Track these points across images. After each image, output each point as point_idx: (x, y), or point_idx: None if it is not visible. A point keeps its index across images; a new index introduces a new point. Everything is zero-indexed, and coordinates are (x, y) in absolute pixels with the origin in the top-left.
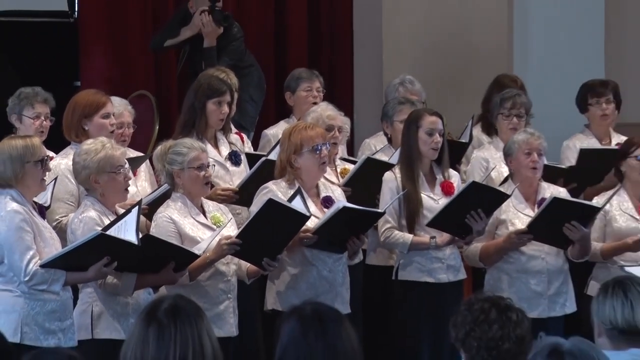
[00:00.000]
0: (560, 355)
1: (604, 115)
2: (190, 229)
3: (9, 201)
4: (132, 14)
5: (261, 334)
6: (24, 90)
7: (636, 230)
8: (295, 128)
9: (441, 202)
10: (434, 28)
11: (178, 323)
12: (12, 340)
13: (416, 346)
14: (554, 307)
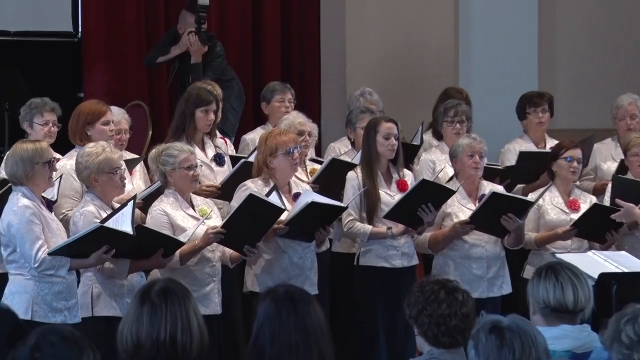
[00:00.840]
0: (500, 330)
1: (539, 123)
2: (181, 220)
3: (20, 197)
4: (128, 34)
5: (241, 312)
6: (34, 100)
7: (565, 222)
8: (271, 134)
9: (396, 197)
10: (391, 47)
11: (168, 303)
12: (24, 317)
13: (374, 323)
14: (493, 288)
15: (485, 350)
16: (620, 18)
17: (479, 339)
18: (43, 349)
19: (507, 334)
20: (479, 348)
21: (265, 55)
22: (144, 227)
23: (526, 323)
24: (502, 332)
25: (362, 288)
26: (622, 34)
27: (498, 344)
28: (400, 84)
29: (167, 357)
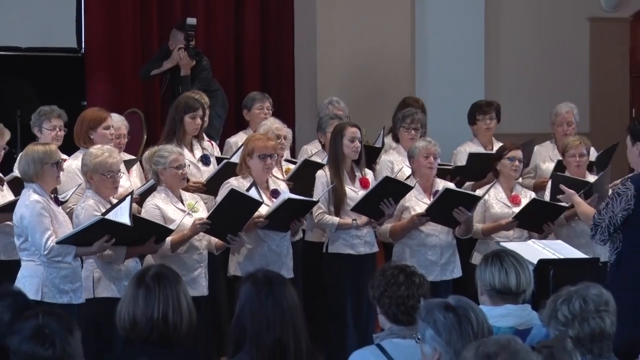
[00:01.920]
0: (454, 308)
1: (487, 129)
2: (171, 213)
3: (31, 193)
4: (125, 50)
5: (225, 294)
6: (43, 108)
7: (508, 214)
8: (253, 137)
9: (360, 193)
10: (356, 61)
11: (161, 286)
12: (34, 298)
13: (342, 303)
14: (445, 272)
15: (446, 328)
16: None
17: (436, 319)
18: (49, 324)
19: (461, 311)
20: (438, 326)
21: (246, 69)
22: (138, 217)
23: (469, 301)
24: (456, 310)
25: (330, 272)
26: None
27: (457, 320)
28: (364, 93)
29: (159, 334)
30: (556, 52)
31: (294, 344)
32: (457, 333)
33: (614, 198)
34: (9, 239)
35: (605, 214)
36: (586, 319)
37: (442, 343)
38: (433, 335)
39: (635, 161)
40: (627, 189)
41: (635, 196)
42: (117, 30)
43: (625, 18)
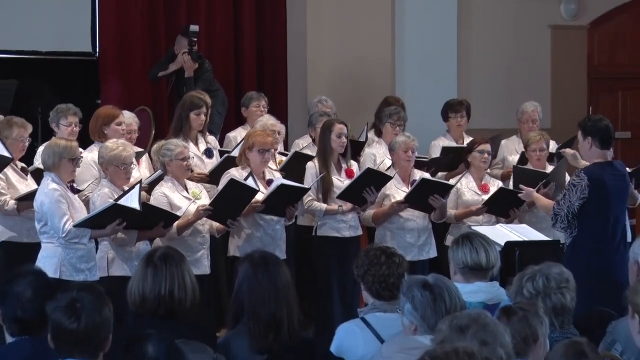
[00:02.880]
0: (430, 286)
1: (459, 125)
2: (177, 200)
3: (50, 182)
4: (135, 54)
5: (225, 273)
6: (60, 106)
7: (478, 201)
8: (254, 132)
9: (346, 182)
10: (342, 64)
11: (168, 265)
12: (53, 276)
13: (329, 281)
14: (422, 253)
15: (422, 304)
16: (522, 42)
17: (414, 295)
18: (82, 299)
19: (436, 289)
20: (416, 303)
21: (244, 71)
22: (148, 204)
23: (446, 279)
24: (432, 288)
25: (319, 253)
26: (524, 54)
27: (432, 297)
28: (349, 92)
29: (166, 308)
30: (521, 56)
31: (287, 318)
32: (431, 310)
33: (570, 189)
34: (31, 224)
35: (563, 204)
36: (548, 295)
37: (418, 317)
38: (410, 310)
39: (587, 154)
40: (580, 180)
41: (588, 186)
42: (128, 36)
43: (583, 26)
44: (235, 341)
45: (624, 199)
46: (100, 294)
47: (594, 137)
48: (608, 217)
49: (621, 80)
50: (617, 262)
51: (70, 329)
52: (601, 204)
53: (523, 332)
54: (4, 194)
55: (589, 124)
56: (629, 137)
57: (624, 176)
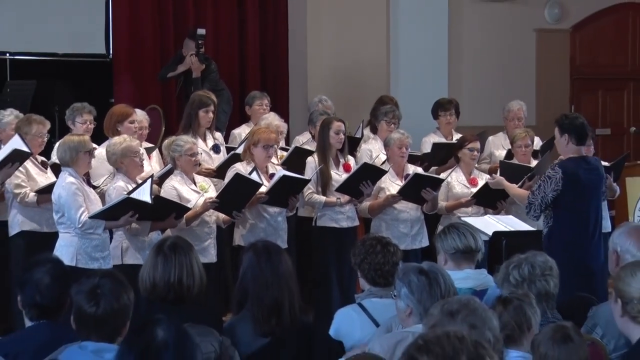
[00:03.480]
0: (426, 272)
1: (448, 123)
2: (186, 193)
3: (67, 176)
4: (146, 56)
5: (230, 261)
6: (76, 104)
7: (467, 194)
8: (259, 129)
9: (343, 176)
10: (340, 66)
11: (177, 254)
12: (69, 264)
13: (328, 268)
14: (415, 242)
15: (418, 289)
16: (509, 44)
17: (410, 280)
18: (103, 286)
19: (432, 275)
20: (412, 287)
21: (248, 71)
22: (161, 197)
23: (440, 266)
24: (428, 273)
25: (318, 243)
26: (510, 56)
27: (428, 282)
28: (346, 92)
29: (175, 295)
30: (507, 58)
31: (289, 304)
32: (427, 293)
33: (545, 180)
34: (50, 214)
35: (537, 194)
36: (533, 281)
37: (414, 300)
38: (407, 294)
39: (563, 149)
40: (555, 173)
41: (562, 179)
42: (140, 39)
43: (565, 29)
44: (240, 325)
45: (597, 191)
46: (122, 282)
47: (571, 134)
48: (582, 208)
49: (602, 80)
50: (591, 251)
51: (89, 312)
52: (575, 196)
53: (519, 320)
54: (24, 186)
55: (566, 121)
56: (608, 133)
57: (597, 169)
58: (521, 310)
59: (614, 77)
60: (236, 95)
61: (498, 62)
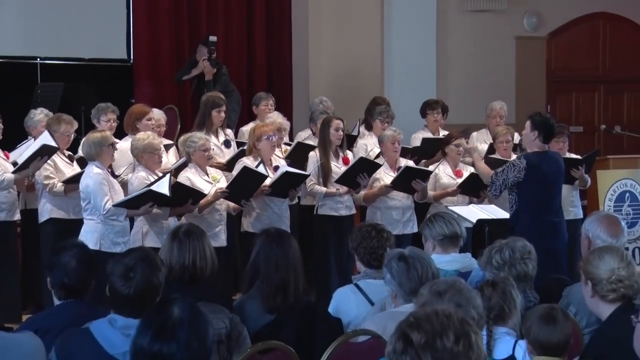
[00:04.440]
0: (405, 258)
1: (435, 120)
2: (199, 183)
3: (94, 168)
4: (163, 61)
5: (238, 245)
6: (100, 104)
7: (453, 184)
8: (257, 125)
9: (342, 169)
10: (338, 70)
11: (191, 239)
12: (94, 248)
13: (327, 253)
14: (406, 228)
15: (398, 274)
16: (491, 50)
17: (392, 266)
18: (135, 268)
19: (410, 260)
20: (393, 273)
21: (255, 74)
22: (180, 184)
23: (421, 251)
24: (407, 259)
25: (319, 229)
26: (492, 60)
27: (406, 267)
28: (344, 93)
29: (189, 276)
30: (490, 62)
31: (294, 284)
32: (405, 277)
33: (510, 166)
34: (77, 202)
35: (500, 176)
36: (514, 264)
37: (395, 284)
38: (390, 279)
39: (530, 143)
40: (520, 162)
41: (525, 169)
42: (157, 46)
43: (542, 36)
44: (249, 303)
45: (558, 181)
46: (153, 264)
47: (540, 132)
48: (544, 197)
49: (575, 83)
50: (552, 233)
51: (124, 293)
52: (537, 185)
53: (506, 301)
54: (52, 177)
55: (539, 119)
56: (581, 131)
57: (558, 162)
58: (508, 293)
59: (586, 79)
60: (244, 96)
61: (481, 66)
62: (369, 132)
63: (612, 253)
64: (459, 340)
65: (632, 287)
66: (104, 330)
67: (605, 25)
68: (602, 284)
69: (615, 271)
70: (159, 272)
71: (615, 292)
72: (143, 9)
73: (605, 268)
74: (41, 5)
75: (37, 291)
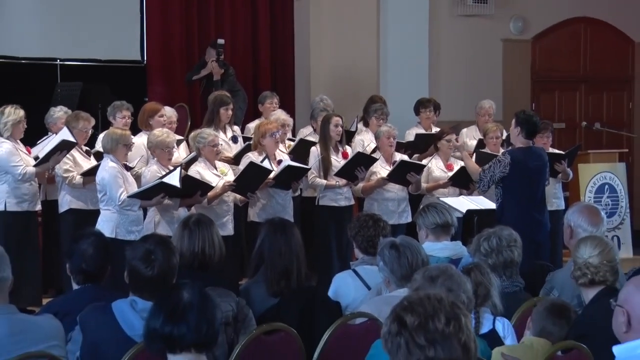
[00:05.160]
0: (396, 246)
1: (427, 118)
2: (208, 176)
3: (109, 161)
4: (175, 62)
5: (244, 234)
6: (116, 102)
7: (445, 177)
8: (262, 123)
9: (341, 162)
10: (337, 70)
11: (200, 228)
12: (110, 236)
13: (328, 241)
14: (401, 218)
15: (389, 261)
16: (480, 52)
17: (384, 254)
18: (156, 252)
19: (401, 248)
20: (385, 260)
21: (260, 75)
22: (190, 176)
23: (412, 239)
24: (398, 247)
25: (320, 219)
26: (481, 61)
27: (397, 255)
28: (343, 92)
29: (199, 262)
30: (479, 63)
31: (296, 269)
32: (397, 264)
33: (496, 162)
34: (94, 194)
35: (487, 173)
36: (500, 251)
37: (388, 271)
38: (382, 266)
39: (514, 138)
40: (505, 158)
41: (510, 164)
42: (169, 48)
43: (527, 39)
44: (254, 288)
45: (542, 175)
46: (170, 248)
47: (523, 128)
48: (528, 190)
49: (558, 82)
50: (536, 224)
51: (147, 275)
52: (521, 179)
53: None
54: (71, 171)
55: (522, 117)
56: (563, 127)
57: (541, 157)
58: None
59: (568, 80)
60: (250, 95)
61: (470, 67)
62: (366, 128)
63: (591, 241)
64: (450, 322)
65: (598, 273)
66: (125, 311)
67: (586, 28)
68: (574, 268)
69: (587, 259)
70: (175, 254)
71: (584, 277)
72: (156, 13)
73: (580, 255)
74: (61, 10)
75: (56, 277)
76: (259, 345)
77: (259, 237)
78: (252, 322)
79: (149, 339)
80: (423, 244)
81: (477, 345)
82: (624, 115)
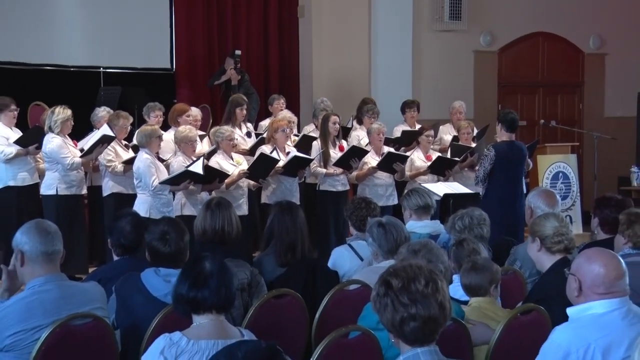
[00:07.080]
0: (383, 224)
1: (412, 117)
2: (226, 166)
3: (144, 154)
4: (199, 69)
5: (258, 214)
6: (150, 103)
7: (424, 166)
8: (275, 120)
9: (338, 154)
10: (335, 75)
11: (220, 209)
12: (144, 215)
13: (327, 220)
14: (388, 201)
15: (377, 237)
16: (455, 61)
17: (372, 231)
18: (170, 233)
19: (387, 226)
20: (374, 236)
21: (270, 80)
22: (210, 167)
23: (396, 219)
24: (384, 225)
25: (321, 202)
26: (455, 70)
27: (384, 232)
28: (340, 94)
29: (219, 238)
30: (454, 71)
31: (301, 244)
32: (384, 240)
33: (484, 159)
34: (132, 181)
35: (481, 170)
36: (472, 229)
37: (376, 246)
38: (371, 242)
39: (499, 134)
40: (489, 152)
41: (495, 156)
42: (194, 57)
43: (494, 51)
44: (265, 259)
45: (521, 165)
46: (182, 228)
47: (503, 124)
48: (508, 178)
49: (520, 87)
50: (515, 208)
51: (165, 252)
52: (503, 169)
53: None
54: (113, 161)
55: (501, 114)
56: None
57: (521, 150)
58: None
59: (529, 84)
60: (262, 97)
61: (447, 74)
62: (359, 125)
63: (554, 217)
64: (428, 284)
65: (571, 240)
66: (150, 277)
67: (544, 41)
68: (548, 238)
69: (558, 229)
70: (186, 234)
71: (559, 244)
72: (183, 29)
73: (550, 226)
74: (104, 25)
75: (100, 250)
76: (270, 307)
77: (270, 217)
78: (264, 288)
79: (177, 302)
80: (407, 222)
81: (452, 305)
82: (575, 114)
